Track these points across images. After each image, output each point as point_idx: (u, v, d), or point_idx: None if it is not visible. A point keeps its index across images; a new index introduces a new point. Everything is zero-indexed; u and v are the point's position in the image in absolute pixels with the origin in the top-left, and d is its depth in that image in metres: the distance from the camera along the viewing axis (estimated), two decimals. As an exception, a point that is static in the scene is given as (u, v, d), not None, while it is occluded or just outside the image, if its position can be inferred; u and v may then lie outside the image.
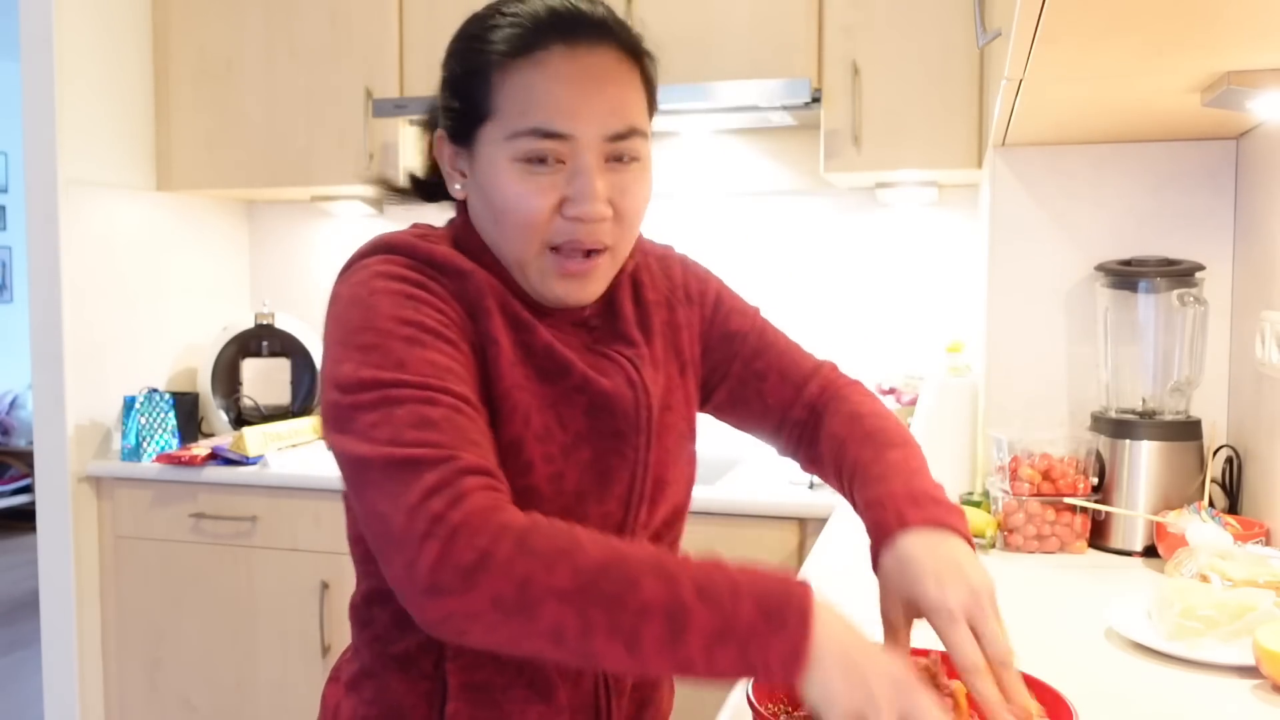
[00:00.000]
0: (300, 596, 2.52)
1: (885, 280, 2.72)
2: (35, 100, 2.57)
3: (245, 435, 2.56)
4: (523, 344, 0.92)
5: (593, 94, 0.88)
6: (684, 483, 1.03)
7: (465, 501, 0.74)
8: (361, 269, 0.89)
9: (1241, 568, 1.35)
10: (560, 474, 0.92)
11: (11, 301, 6.53)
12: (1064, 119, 1.66)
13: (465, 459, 0.76)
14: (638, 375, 0.98)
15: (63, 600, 2.63)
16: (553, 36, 0.88)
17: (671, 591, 0.72)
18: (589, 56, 0.88)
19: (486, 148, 0.90)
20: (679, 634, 0.71)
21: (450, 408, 0.80)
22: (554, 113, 0.87)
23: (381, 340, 0.82)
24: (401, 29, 2.64)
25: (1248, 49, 1.15)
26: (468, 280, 0.90)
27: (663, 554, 0.75)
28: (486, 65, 0.89)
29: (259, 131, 2.76)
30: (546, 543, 0.73)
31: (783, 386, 1.10)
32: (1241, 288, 1.81)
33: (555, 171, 0.88)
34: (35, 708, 3.10)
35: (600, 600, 0.71)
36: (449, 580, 0.72)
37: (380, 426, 0.78)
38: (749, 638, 0.72)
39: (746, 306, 1.13)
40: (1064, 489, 1.69)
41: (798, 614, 0.73)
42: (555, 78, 0.87)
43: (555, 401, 0.93)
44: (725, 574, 0.74)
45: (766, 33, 2.40)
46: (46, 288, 2.59)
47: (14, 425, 5.92)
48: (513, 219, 0.89)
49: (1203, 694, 1.11)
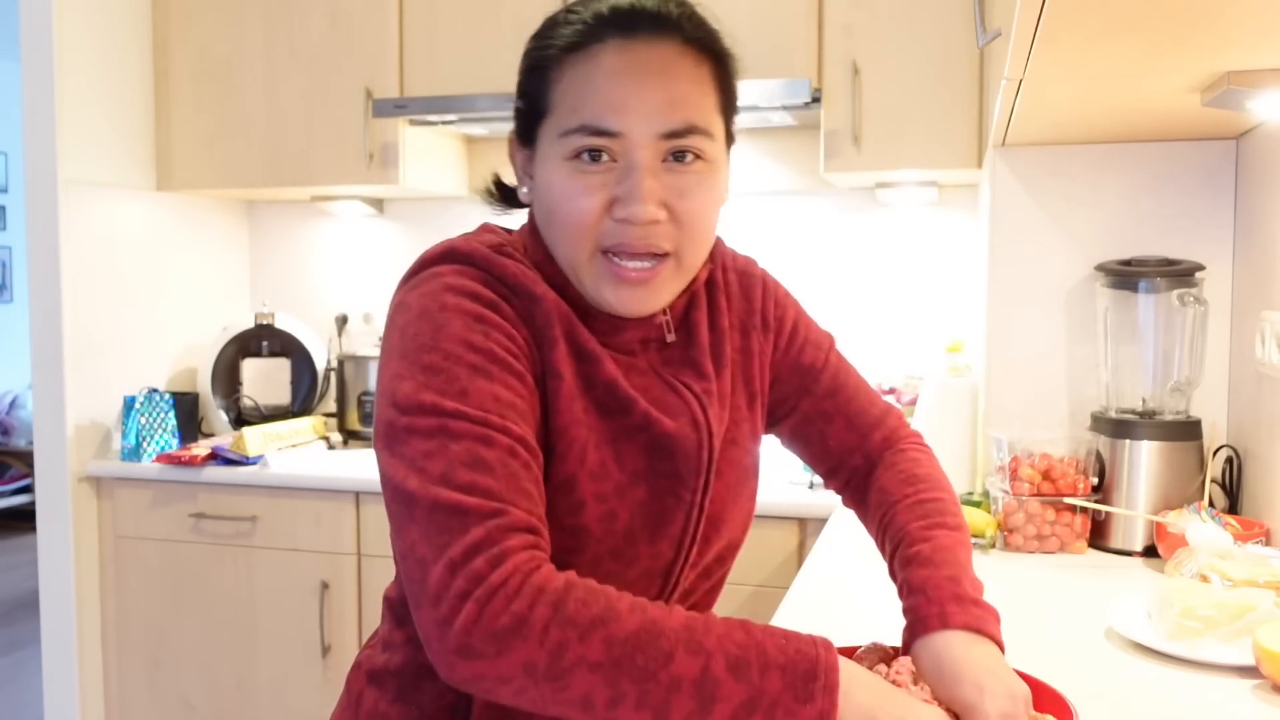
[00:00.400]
0: (300, 596, 2.52)
1: (885, 280, 2.72)
2: (35, 100, 2.57)
3: (245, 435, 2.56)
4: (585, 376, 0.89)
5: (646, 88, 0.84)
6: (741, 520, 1.01)
7: (507, 562, 0.72)
8: (433, 278, 0.85)
9: (1241, 568, 1.35)
10: (612, 513, 0.89)
11: (11, 301, 6.53)
12: (1064, 119, 1.66)
13: (514, 515, 0.75)
14: (703, 415, 0.94)
15: (63, 600, 2.63)
16: (610, 30, 0.85)
17: (703, 665, 0.72)
18: (646, 50, 0.85)
19: (543, 147, 0.88)
20: (708, 708, 0.71)
21: (506, 450, 0.78)
22: (604, 108, 0.84)
23: (447, 364, 0.79)
24: (401, 29, 2.64)
25: (1248, 49, 1.15)
26: (538, 305, 0.87)
27: (695, 623, 0.74)
28: (546, 62, 0.88)
29: (259, 131, 2.76)
30: (582, 610, 0.72)
31: (848, 433, 1.07)
32: (1241, 288, 1.81)
33: (606, 170, 0.85)
34: (35, 708, 3.10)
35: (632, 673, 0.71)
36: (481, 644, 0.71)
37: (433, 458, 0.76)
38: (774, 711, 0.72)
39: (821, 337, 1.09)
40: (1064, 489, 1.69)
41: (824, 686, 0.73)
42: (607, 72, 0.85)
43: (614, 438, 0.90)
44: (755, 643, 0.74)
45: (766, 33, 2.40)
46: (46, 288, 2.59)
47: (14, 425, 5.92)
48: (561, 219, 0.87)
49: (1203, 694, 1.11)
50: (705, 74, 0.88)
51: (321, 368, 2.94)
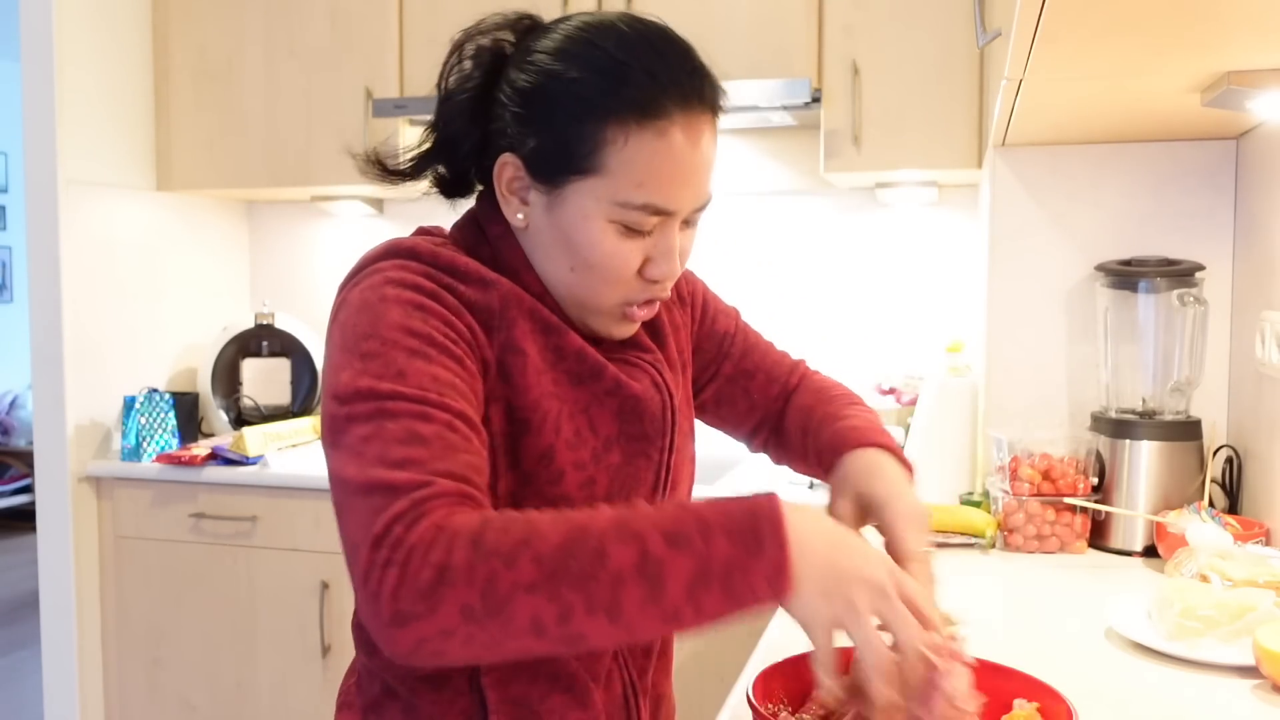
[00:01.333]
0: (300, 596, 2.52)
1: (885, 280, 2.72)
2: (35, 100, 2.57)
3: (245, 435, 2.56)
4: (553, 348, 0.91)
5: (699, 175, 0.88)
6: (689, 481, 1.05)
7: (422, 521, 0.71)
8: (374, 273, 0.86)
9: (1241, 568, 1.35)
10: (591, 480, 0.91)
11: (11, 301, 6.53)
12: (1064, 119, 1.66)
13: (439, 484, 0.74)
14: (661, 378, 0.99)
15: (63, 600, 2.63)
16: (676, 103, 0.85)
17: (640, 549, 0.70)
18: (698, 126, 0.87)
19: (581, 199, 0.87)
20: (658, 589, 0.69)
21: (444, 425, 0.77)
22: (670, 193, 0.86)
23: (384, 349, 0.80)
24: (401, 29, 2.64)
25: (1248, 49, 1.15)
26: (491, 289, 0.88)
27: (623, 513, 0.73)
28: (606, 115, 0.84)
29: (259, 131, 2.76)
30: (502, 538, 0.70)
31: (769, 385, 1.15)
32: (1241, 288, 1.81)
33: (646, 235, 0.89)
34: (35, 708, 3.10)
35: (570, 580, 0.69)
36: (411, 605, 0.69)
37: (370, 441, 0.76)
38: (729, 572, 0.70)
39: (729, 308, 1.17)
40: (1064, 489, 1.69)
41: (772, 534, 0.71)
42: (677, 157, 0.86)
43: (587, 405, 0.92)
44: (692, 514, 0.72)
45: (766, 33, 2.40)
46: (46, 288, 2.59)
47: (14, 425, 5.92)
48: (600, 275, 0.89)
49: (1203, 694, 1.11)
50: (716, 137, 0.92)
51: (321, 368, 2.93)
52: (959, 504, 1.87)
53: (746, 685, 0.89)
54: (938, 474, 2.03)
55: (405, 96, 2.61)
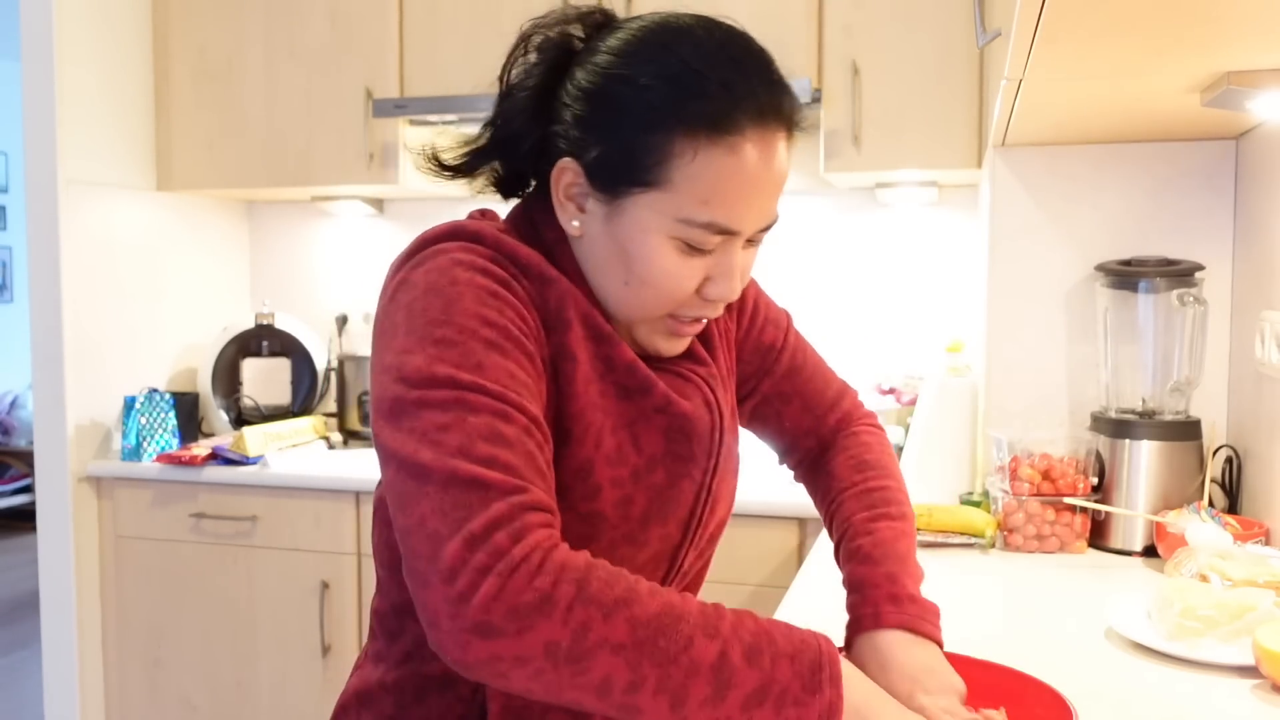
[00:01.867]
0: (300, 596, 2.52)
1: (885, 280, 2.72)
2: (35, 100, 2.57)
3: (245, 435, 2.56)
4: (604, 358, 0.87)
5: (768, 194, 0.84)
6: (730, 495, 1.01)
7: (528, 537, 0.69)
8: (439, 254, 0.81)
9: (1241, 568, 1.35)
10: (629, 498, 0.88)
11: (11, 301, 6.53)
12: (1064, 119, 1.66)
13: (534, 493, 0.72)
14: (713, 396, 0.95)
15: (63, 600, 2.63)
16: (748, 115, 0.81)
17: (720, 651, 0.71)
18: (773, 140, 0.83)
19: (642, 212, 0.83)
20: (723, 694, 0.70)
21: (523, 428, 0.75)
22: (734, 212, 0.82)
23: (462, 338, 0.76)
24: (401, 29, 2.64)
25: (1248, 49, 1.15)
26: (550, 287, 0.85)
27: (709, 609, 0.73)
28: (670, 129, 0.80)
29: (259, 131, 2.76)
30: (606, 590, 0.70)
31: (804, 415, 1.09)
32: (1241, 288, 1.81)
33: (707, 254, 0.85)
34: (35, 708, 3.10)
35: (654, 655, 0.69)
36: (502, 621, 0.67)
37: (450, 431, 0.72)
38: (785, 699, 0.72)
39: (780, 315, 1.10)
40: (1064, 489, 1.69)
41: (830, 676, 0.73)
42: (747, 175, 0.82)
43: (633, 421, 0.89)
44: (766, 634, 0.73)
45: (766, 33, 2.37)
46: (46, 288, 2.59)
47: (14, 425, 5.92)
48: (656, 291, 0.85)
49: (1203, 694, 1.11)
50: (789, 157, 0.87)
51: (321, 368, 2.94)
52: (959, 504, 1.88)
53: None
54: (938, 474, 2.03)
55: (405, 96, 2.61)
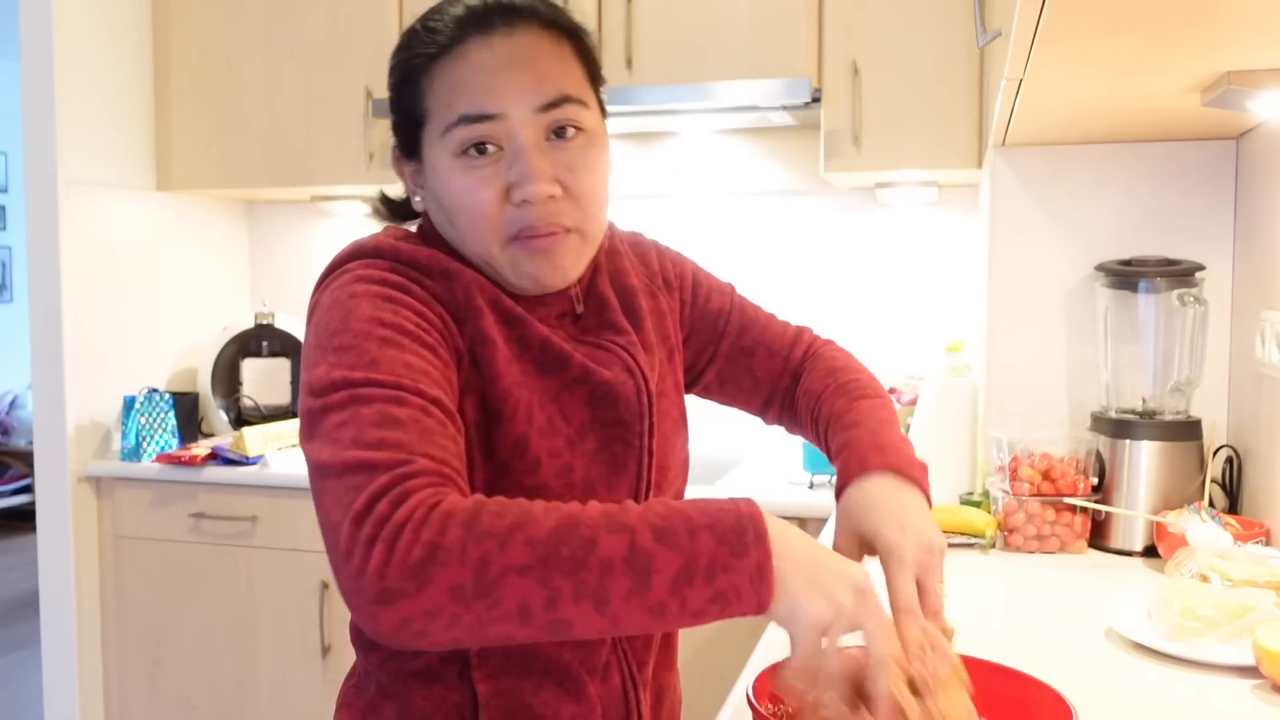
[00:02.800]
0: (300, 596, 2.52)
1: (885, 280, 2.72)
2: (35, 100, 2.57)
3: (245, 435, 2.56)
4: (518, 339, 0.91)
5: (514, 71, 0.88)
6: (681, 469, 1.04)
7: (409, 499, 0.71)
8: (342, 273, 0.89)
9: (1241, 568, 1.35)
10: (568, 467, 0.91)
11: (11, 301, 6.53)
12: (1064, 119, 1.66)
13: (420, 463, 0.74)
14: (634, 362, 0.97)
15: (63, 600, 2.63)
16: (470, 30, 0.88)
17: (630, 541, 0.70)
18: (507, 39, 0.88)
19: (429, 153, 0.91)
20: (645, 581, 0.70)
21: (419, 409, 0.78)
22: (477, 95, 0.87)
23: (357, 341, 0.81)
24: (401, 29, 2.64)
25: (1248, 49, 1.15)
26: (455, 280, 0.89)
27: (613, 508, 0.73)
28: (415, 73, 0.91)
29: (259, 131, 2.76)
30: (496, 521, 0.70)
31: (770, 360, 1.13)
32: (1241, 288, 1.81)
33: (496, 160, 0.88)
34: (35, 708, 3.10)
35: (561, 566, 0.69)
36: (400, 583, 0.68)
37: (346, 426, 0.76)
38: (713, 569, 0.71)
39: (722, 285, 1.14)
40: (1064, 489, 1.69)
41: (755, 535, 0.72)
42: (475, 66, 0.88)
43: (557, 394, 0.92)
44: (678, 512, 0.73)
45: (766, 33, 2.40)
46: (46, 288, 2.59)
47: (14, 425, 5.92)
48: (464, 216, 0.89)
49: (1203, 694, 1.11)
50: (566, 51, 0.91)
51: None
52: (959, 504, 1.88)
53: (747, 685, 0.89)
54: (938, 474, 2.02)
55: (405, 96, 2.61)
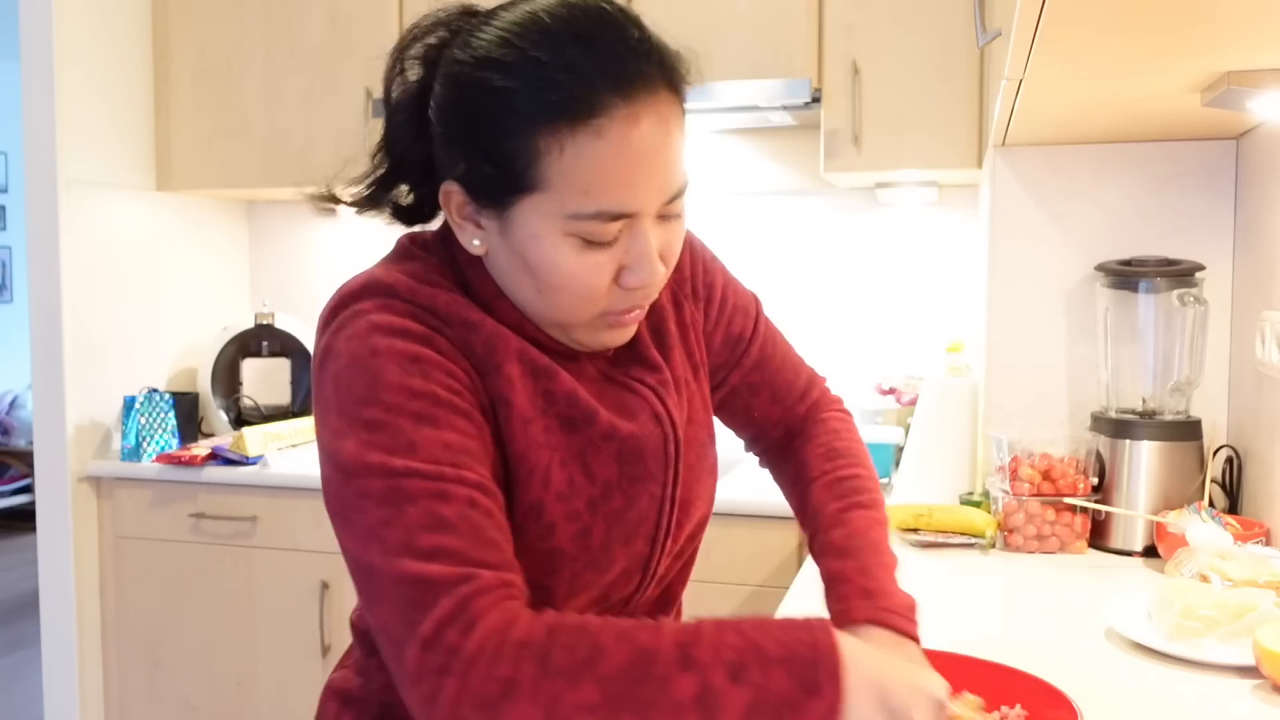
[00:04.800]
0: (300, 596, 2.52)
1: (885, 280, 2.72)
2: (35, 100, 2.57)
3: (245, 435, 2.56)
4: (544, 393, 0.85)
5: (656, 158, 0.78)
6: (707, 496, 1.00)
7: (479, 625, 0.69)
8: (356, 316, 0.80)
9: (1241, 568, 1.35)
10: (586, 530, 0.87)
11: (11, 301, 6.53)
12: (1064, 119, 1.66)
13: (482, 578, 0.71)
14: (663, 408, 0.93)
15: (63, 600, 2.63)
16: (608, 92, 0.76)
17: (702, 681, 0.69)
18: (648, 110, 0.77)
19: (530, 218, 0.79)
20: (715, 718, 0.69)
21: (465, 502, 0.74)
22: (622, 192, 0.77)
23: (390, 417, 0.75)
24: (401, 29, 2.63)
25: (1248, 49, 1.15)
26: (476, 332, 0.82)
27: (686, 637, 0.71)
28: (529, 129, 0.76)
29: (259, 131, 2.76)
30: (568, 656, 0.69)
31: (772, 406, 1.08)
32: (1241, 288, 1.81)
33: (613, 244, 0.80)
34: (35, 708, 3.10)
35: (632, 705, 0.68)
36: (472, 715, 0.68)
37: (391, 526, 0.72)
38: (781, 708, 0.70)
39: (748, 302, 1.07)
40: (1064, 489, 1.69)
41: (829, 674, 0.71)
42: (619, 151, 0.76)
43: (582, 451, 0.87)
44: (750, 644, 0.71)
45: (766, 33, 2.40)
46: (46, 288, 2.59)
47: (14, 425, 5.92)
48: (570, 295, 0.81)
49: (1203, 694, 1.11)
50: (680, 113, 0.82)
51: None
52: (959, 504, 1.87)
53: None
54: (938, 474, 2.03)
55: (405, 96, 2.61)
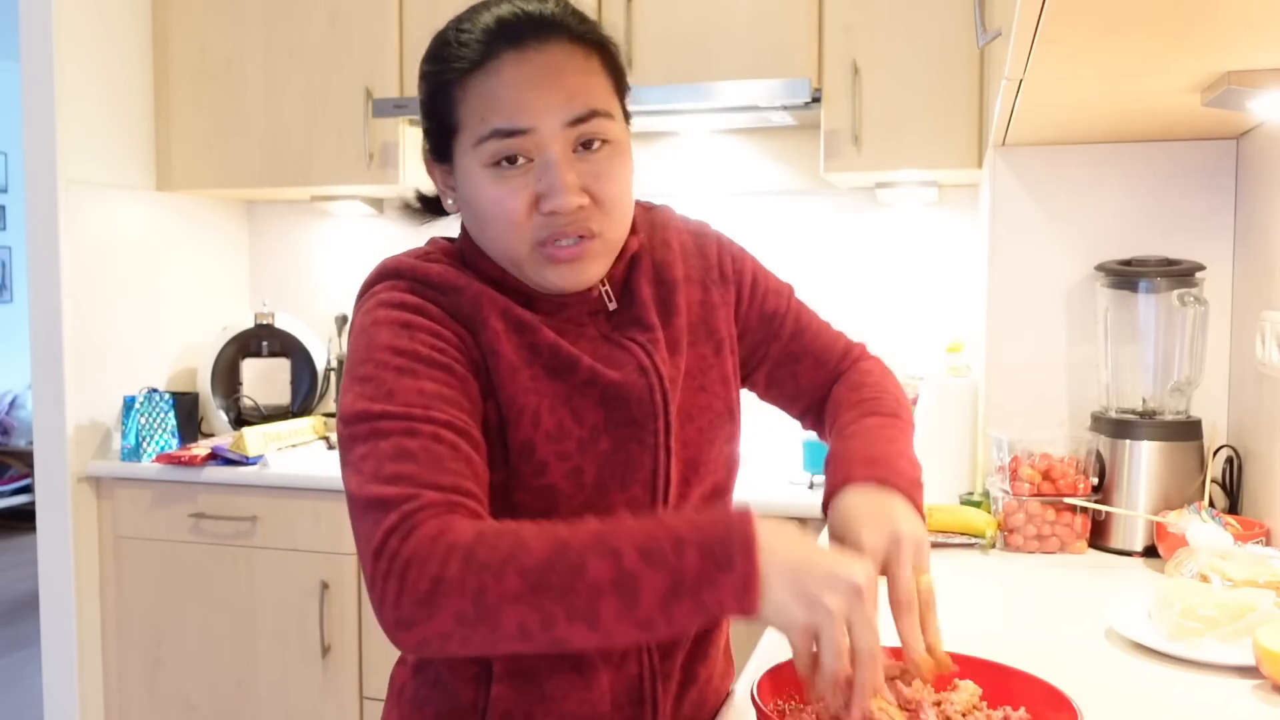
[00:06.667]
0: (300, 596, 2.52)
1: (885, 280, 2.72)
2: (35, 100, 2.57)
3: (245, 435, 2.56)
4: (528, 345, 0.94)
5: (546, 87, 0.90)
6: (721, 463, 1.05)
7: (415, 534, 0.78)
8: (370, 298, 0.94)
9: (1241, 568, 1.35)
10: (578, 469, 0.94)
11: (11, 301, 6.53)
12: (1064, 119, 1.66)
13: (427, 496, 0.81)
14: (649, 361, 0.99)
15: (63, 600, 2.63)
16: (502, 44, 0.91)
17: (616, 564, 0.75)
18: (538, 55, 0.91)
19: (461, 160, 0.94)
20: (633, 601, 0.74)
21: (430, 437, 0.84)
22: (510, 110, 0.90)
23: (377, 371, 0.87)
24: (401, 29, 2.64)
25: (1248, 49, 1.15)
26: (462, 294, 0.94)
27: (605, 527, 0.78)
28: (448, 83, 0.93)
29: (259, 131, 2.76)
30: (492, 553, 0.76)
31: (817, 370, 1.13)
32: (1241, 288, 1.81)
33: (526, 170, 0.91)
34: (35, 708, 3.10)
35: (551, 593, 0.75)
36: (411, 613, 0.77)
37: (366, 460, 0.84)
38: (699, 585, 0.74)
39: (781, 285, 1.14)
40: (1064, 489, 1.69)
41: (741, 549, 0.75)
42: (508, 81, 0.90)
43: (569, 397, 0.95)
44: (668, 530, 0.76)
45: (766, 33, 2.40)
46: (46, 288, 2.59)
47: (14, 425, 5.92)
48: (494, 223, 0.93)
49: (1203, 694, 1.11)
50: (595, 64, 0.94)
51: (321, 368, 2.94)
52: (959, 504, 1.88)
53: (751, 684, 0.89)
54: (938, 474, 2.03)
55: (405, 96, 2.61)
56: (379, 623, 0.79)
